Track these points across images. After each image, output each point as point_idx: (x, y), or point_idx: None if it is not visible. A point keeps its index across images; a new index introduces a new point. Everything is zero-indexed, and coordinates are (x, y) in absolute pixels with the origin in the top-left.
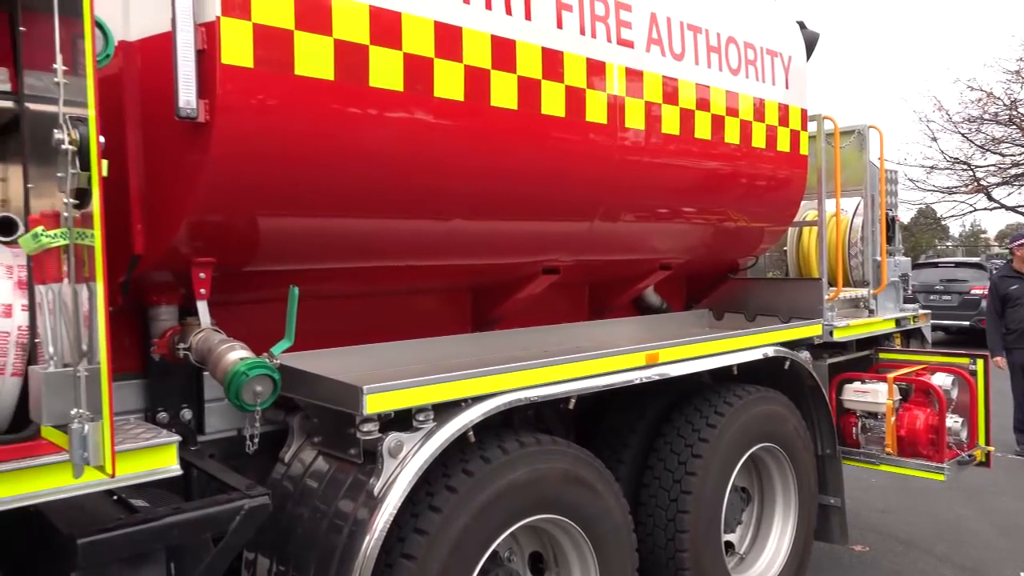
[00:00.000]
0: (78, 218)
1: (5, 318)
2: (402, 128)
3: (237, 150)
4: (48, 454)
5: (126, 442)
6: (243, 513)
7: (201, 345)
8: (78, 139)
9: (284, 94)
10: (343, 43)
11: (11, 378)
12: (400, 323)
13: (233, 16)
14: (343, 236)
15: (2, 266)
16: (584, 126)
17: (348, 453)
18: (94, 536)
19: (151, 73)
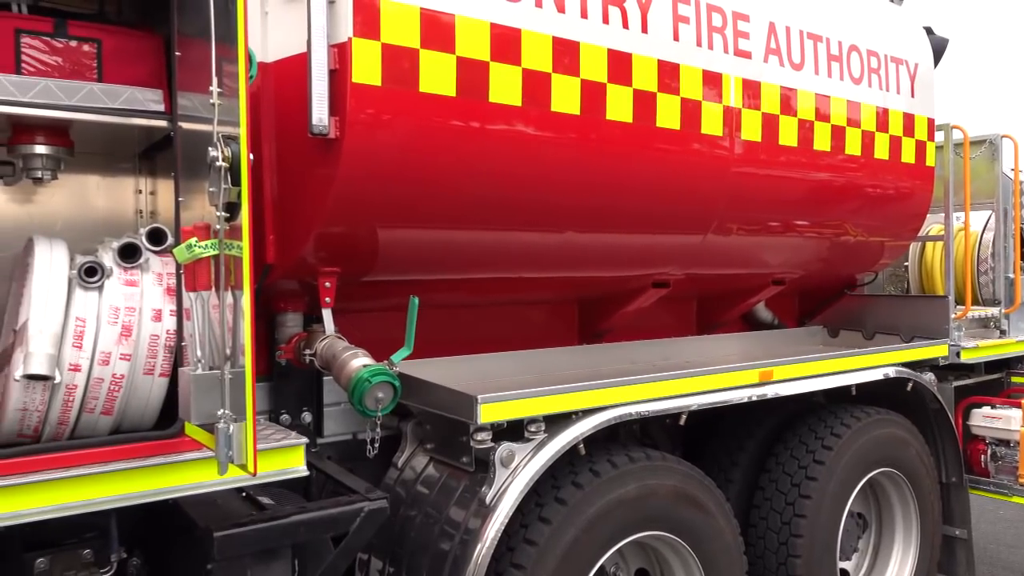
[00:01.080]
0: (228, 230)
1: (155, 322)
2: (519, 142)
3: (365, 165)
4: (190, 451)
5: (259, 442)
6: (363, 515)
7: (326, 351)
8: (230, 156)
9: (409, 111)
10: (465, 60)
11: (159, 378)
12: (509, 334)
13: (364, 37)
14: (460, 248)
15: (153, 273)
16: (699, 138)
17: (460, 461)
18: (229, 530)
19: (285, 92)
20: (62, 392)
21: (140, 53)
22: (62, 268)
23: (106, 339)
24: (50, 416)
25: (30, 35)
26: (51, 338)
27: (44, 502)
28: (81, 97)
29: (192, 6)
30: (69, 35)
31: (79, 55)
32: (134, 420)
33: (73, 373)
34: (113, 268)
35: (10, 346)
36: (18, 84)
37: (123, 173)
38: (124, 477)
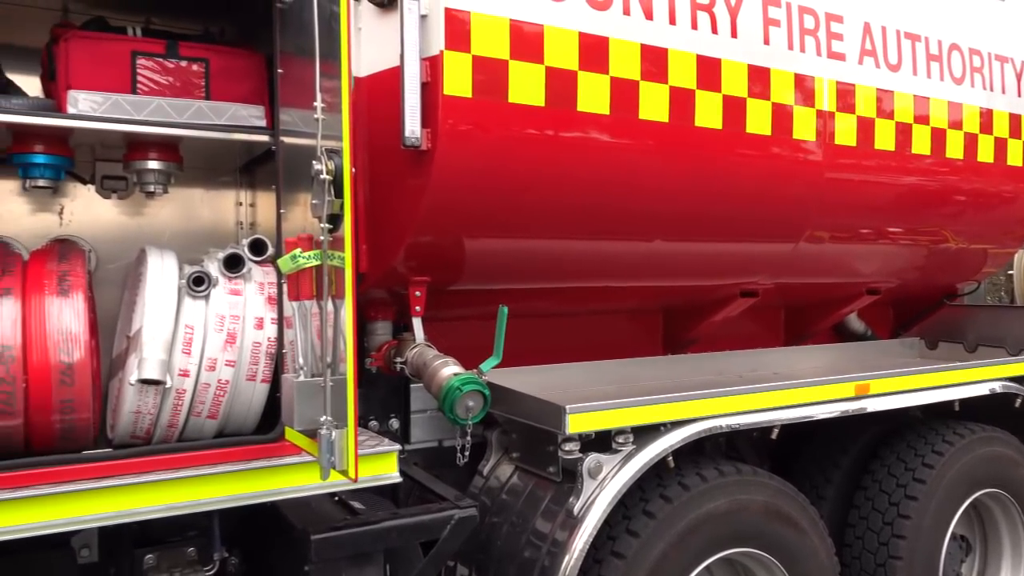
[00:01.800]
0: (331, 241)
1: (257, 330)
2: (608, 151)
3: (455, 175)
4: (290, 455)
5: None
6: (453, 523)
7: (416, 359)
8: (333, 169)
9: (499, 121)
10: (554, 70)
11: (261, 384)
12: (592, 343)
13: (455, 49)
14: (546, 257)
15: (255, 283)
16: (791, 144)
17: (547, 471)
18: (326, 533)
19: (377, 105)
20: (172, 396)
21: (244, 71)
22: (172, 277)
23: (212, 346)
24: (161, 419)
25: (145, 57)
26: (163, 344)
27: (155, 501)
28: (190, 114)
29: (294, 25)
30: (180, 56)
31: (188, 74)
32: (237, 424)
33: (182, 378)
34: (219, 278)
35: (123, 352)
36: (134, 103)
37: (225, 186)
38: (228, 479)
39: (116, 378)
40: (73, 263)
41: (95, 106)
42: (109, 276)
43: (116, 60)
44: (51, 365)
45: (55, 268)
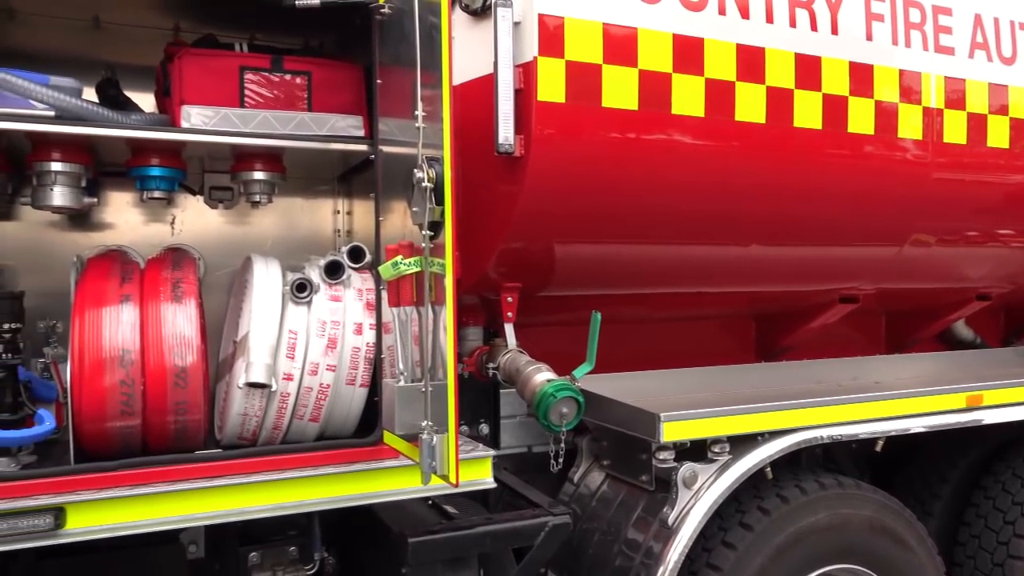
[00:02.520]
0: (431, 248)
1: (357, 335)
2: (703, 154)
3: (548, 181)
4: (389, 458)
5: None
6: (547, 530)
7: (509, 365)
8: (434, 177)
9: (592, 126)
10: (647, 73)
11: (360, 388)
12: (683, 349)
13: (548, 55)
14: (639, 262)
15: (354, 289)
16: (896, 143)
17: (639, 479)
18: (423, 537)
19: (469, 113)
20: (277, 399)
21: (343, 83)
22: (277, 284)
23: (315, 351)
24: (266, 421)
25: (252, 71)
26: (268, 349)
27: (262, 501)
28: (294, 126)
29: (393, 37)
30: (284, 69)
31: (292, 87)
32: (336, 427)
33: (287, 382)
34: (320, 284)
35: (230, 356)
36: (241, 116)
37: (323, 195)
38: (331, 481)
39: (223, 381)
40: (186, 271)
41: (206, 120)
42: (216, 282)
43: (225, 75)
44: (167, 368)
45: (169, 275)
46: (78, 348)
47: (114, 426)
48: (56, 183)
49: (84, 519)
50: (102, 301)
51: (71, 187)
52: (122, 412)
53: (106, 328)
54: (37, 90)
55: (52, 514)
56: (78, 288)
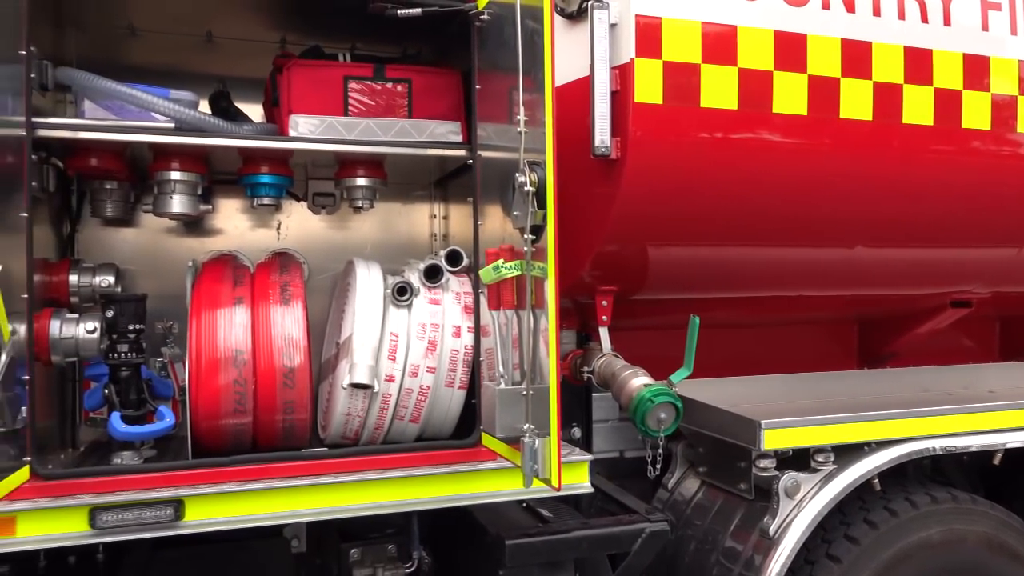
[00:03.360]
0: (533, 252)
1: (455, 338)
2: (805, 153)
3: (645, 183)
4: (487, 460)
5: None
6: (644, 536)
7: (604, 370)
8: (536, 181)
9: (690, 127)
10: (747, 71)
11: (458, 391)
12: (781, 355)
13: (646, 56)
14: (738, 265)
15: (452, 292)
16: (1014, 138)
17: (738, 488)
18: (520, 539)
19: (564, 116)
20: (379, 400)
21: (442, 89)
22: (378, 288)
23: (415, 353)
24: (368, 421)
25: (355, 80)
26: (371, 351)
27: (364, 499)
28: (395, 133)
29: (493, 43)
30: (386, 78)
31: (393, 95)
32: (435, 428)
33: (388, 383)
34: (419, 287)
35: (333, 357)
36: (345, 124)
37: (419, 200)
38: (430, 482)
39: (326, 381)
40: (292, 274)
41: (313, 128)
42: (318, 285)
43: (330, 85)
44: (276, 369)
45: (278, 279)
46: (195, 348)
47: (228, 423)
48: (175, 191)
49: (201, 512)
50: (217, 303)
51: (189, 195)
52: (235, 410)
53: (221, 329)
54: (159, 103)
55: (172, 506)
56: (194, 291)
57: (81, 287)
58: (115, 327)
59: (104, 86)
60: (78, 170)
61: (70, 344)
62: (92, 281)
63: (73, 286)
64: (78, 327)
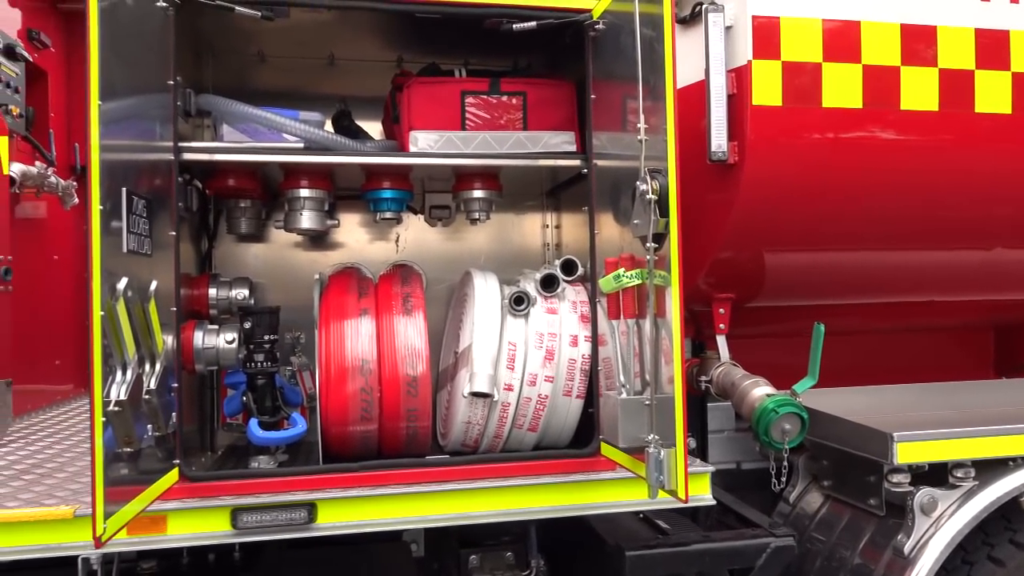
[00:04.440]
0: (656, 260)
1: (572, 347)
2: (937, 151)
3: (764, 187)
4: (606, 470)
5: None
6: (769, 551)
7: (723, 379)
8: (658, 189)
9: (811, 128)
10: (873, 68)
11: (576, 400)
12: (910, 363)
13: (763, 58)
14: (863, 270)
15: (568, 302)
16: None
17: (867, 503)
18: (641, 551)
19: (679, 122)
20: (498, 409)
21: (555, 100)
22: (496, 298)
23: (533, 362)
24: (488, 429)
25: (472, 95)
26: (490, 360)
27: (484, 507)
28: (510, 145)
29: (608, 52)
30: (501, 91)
31: (508, 108)
32: (553, 437)
33: (507, 392)
34: (536, 297)
35: (451, 366)
36: (463, 138)
37: (531, 210)
38: (548, 490)
39: (444, 390)
40: (413, 286)
41: (432, 143)
42: (434, 296)
43: (448, 101)
44: (400, 377)
45: (399, 290)
46: (325, 357)
47: (355, 430)
48: (305, 208)
49: (332, 515)
50: (344, 314)
51: (317, 211)
52: (362, 417)
53: (348, 339)
54: (291, 124)
55: (306, 509)
56: (322, 302)
57: (219, 300)
58: (252, 338)
59: (241, 110)
60: (217, 190)
61: (211, 354)
62: (229, 294)
63: (212, 299)
64: (218, 338)
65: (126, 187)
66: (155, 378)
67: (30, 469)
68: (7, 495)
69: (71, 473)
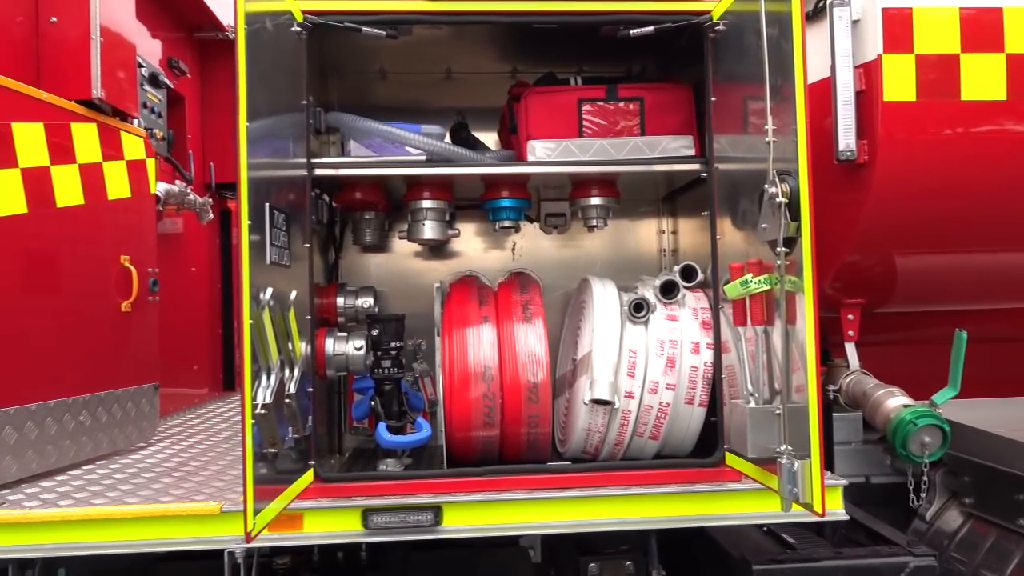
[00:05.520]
0: (786, 265)
1: (694, 354)
2: None
3: (896, 187)
4: (731, 481)
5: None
6: (908, 571)
7: (854, 388)
8: (788, 192)
9: (947, 123)
10: (1018, 57)
11: (698, 408)
12: None
13: (895, 51)
14: (1002, 273)
15: (689, 308)
16: None
17: (1015, 523)
18: (768, 565)
19: None
20: (619, 416)
21: (673, 104)
22: (615, 304)
23: (654, 369)
24: (608, 437)
25: (589, 102)
26: (610, 367)
27: (605, 514)
28: (628, 151)
29: (729, 53)
30: (618, 97)
31: (626, 113)
32: (674, 446)
33: (628, 400)
34: (656, 304)
35: (569, 373)
36: (580, 146)
37: (647, 216)
38: (671, 500)
39: (562, 397)
40: (532, 293)
41: (549, 152)
42: (549, 303)
43: (565, 109)
44: (521, 384)
45: (519, 298)
46: (448, 364)
47: (478, 435)
48: (427, 218)
49: (457, 518)
50: (465, 322)
51: (439, 221)
52: (485, 423)
53: (471, 346)
54: (416, 138)
55: (432, 512)
56: (444, 310)
57: (346, 308)
58: (379, 344)
59: (367, 126)
60: (344, 203)
61: (341, 360)
62: (355, 303)
63: (340, 308)
64: (347, 344)
65: (268, 202)
66: (294, 383)
67: (178, 467)
68: (161, 491)
69: (214, 472)
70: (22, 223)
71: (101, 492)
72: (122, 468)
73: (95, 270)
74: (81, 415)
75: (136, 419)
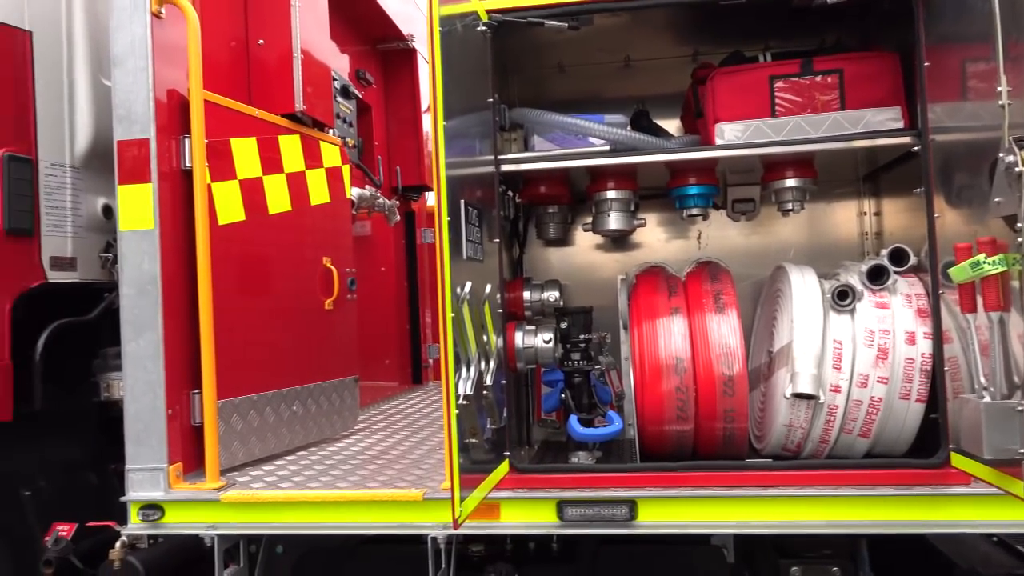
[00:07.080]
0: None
1: (909, 345)
2: None
3: None
4: (957, 484)
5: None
6: None
7: None
8: None
9: None
10: None
11: (915, 404)
12: None
13: None
14: None
15: (901, 295)
16: None
17: None
18: None
19: None
20: (824, 412)
21: (876, 74)
22: (815, 293)
23: (863, 361)
24: (812, 433)
25: (781, 79)
26: (813, 359)
27: (809, 516)
28: (826, 128)
29: (948, 10)
30: (814, 71)
31: (823, 88)
32: (887, 445)
33: (834, 394)
34: (862, 291)
35: (764, 365)
36: (772, 125)
37: (845, 197)
38: (884, 503)
39: (757, 390)
40: (723, 283)
41: (739, 134)
42: (739, 292)
43: (755, 88)
44: (715, 376)
45: (710, 288)
46: (639, 357)
47: (671, 429)
48: (612, 209)
49: (651, 513)
50: (655, 313)
51: (624, 211)
52: (678, 417)
53: (661, 338)
54: (600, 129)
55: (628, 506)
56: (632, 302)
57: (533, 302)
58: (567, 337)
59: (551, 119)
60: (529, 197)
61: (530, 353)
62: (541, 296)
63: (527, 301)
64: (536, 337)
65: (463, 199)
66: (491, 375)
67: (379, 455)
68: (367, 476)
69: (413, 460)
70: (241, 229)
71: (315, 476)
72: (330, 455)
73: (302, 271)
74: (294, 405)
75: (340, 410)
